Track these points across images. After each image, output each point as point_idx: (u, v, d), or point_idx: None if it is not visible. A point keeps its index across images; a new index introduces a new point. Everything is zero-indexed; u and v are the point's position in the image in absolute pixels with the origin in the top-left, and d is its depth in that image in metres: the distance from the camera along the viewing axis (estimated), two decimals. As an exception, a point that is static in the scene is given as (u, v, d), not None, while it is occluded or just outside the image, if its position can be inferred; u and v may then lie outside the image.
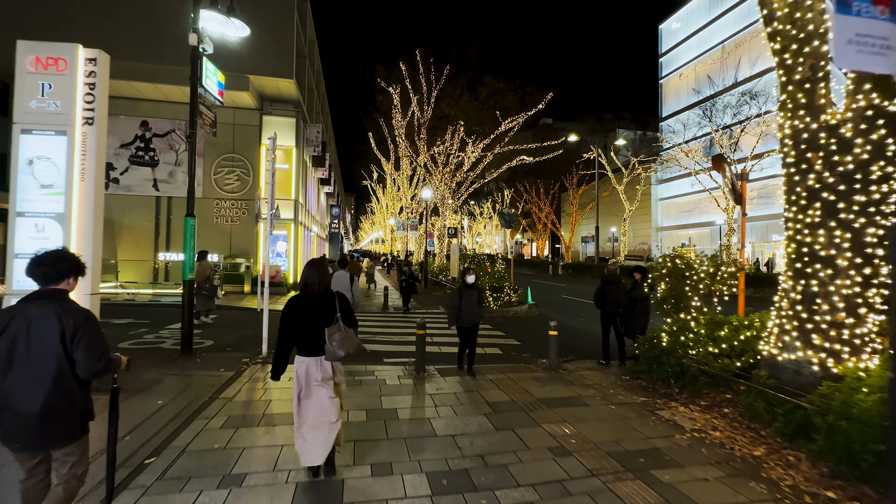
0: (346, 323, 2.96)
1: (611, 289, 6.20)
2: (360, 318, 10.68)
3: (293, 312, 2.95)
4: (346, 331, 2.90)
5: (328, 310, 2.92)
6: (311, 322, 2.89)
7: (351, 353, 2.90)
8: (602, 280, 6.45)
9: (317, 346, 2.87)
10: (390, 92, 22.35)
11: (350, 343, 2.90)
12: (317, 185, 26.66)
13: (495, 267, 17.39)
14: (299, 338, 2.93)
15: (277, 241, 17.70)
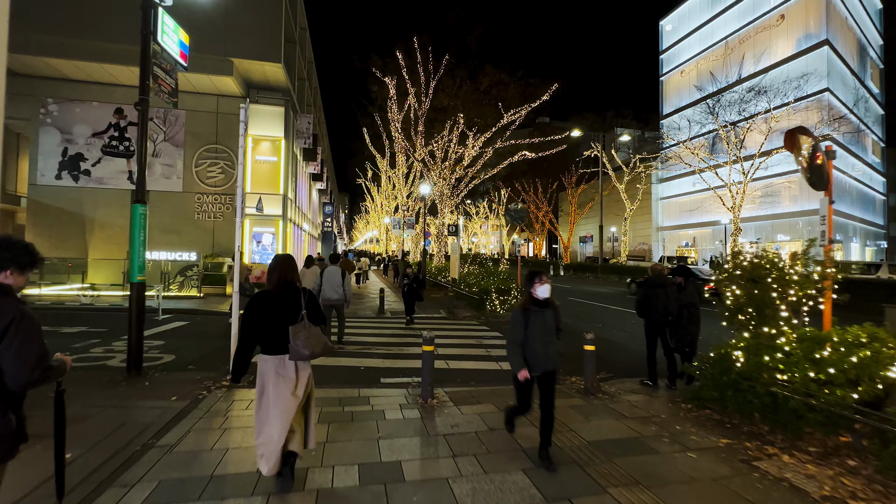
0: (313, 321, 2.83)
1: (658, 293, 5.07)
2: (351, 323, 9.47)
3: (256, 309, 2.80)
4: (311, 329, 2.78)
5: (292, 307, 2.79)
6: (274, 319, 2.76)
7: (317, 353, 2.77)
8: (645, 283, 5.31)
9: (280, 344, 2.74)
10: (386, 83, 21.15)
11: (316, 342, 2.77)
12: (308, 180, 25.38)
13: (498, 267, 16.26)
14: (262, 336, 2.78)
15: (262, 238, 16.45)
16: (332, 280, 7.07)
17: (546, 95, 19.33)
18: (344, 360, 6.28)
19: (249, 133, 16.46)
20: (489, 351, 7.25)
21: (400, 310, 12.03)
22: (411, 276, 10.16)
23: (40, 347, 1.78)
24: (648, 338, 5.31)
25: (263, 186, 16.48)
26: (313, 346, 2.74)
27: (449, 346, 7.44)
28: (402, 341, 7.87)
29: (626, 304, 14.73)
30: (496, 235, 61.27)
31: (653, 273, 5.29)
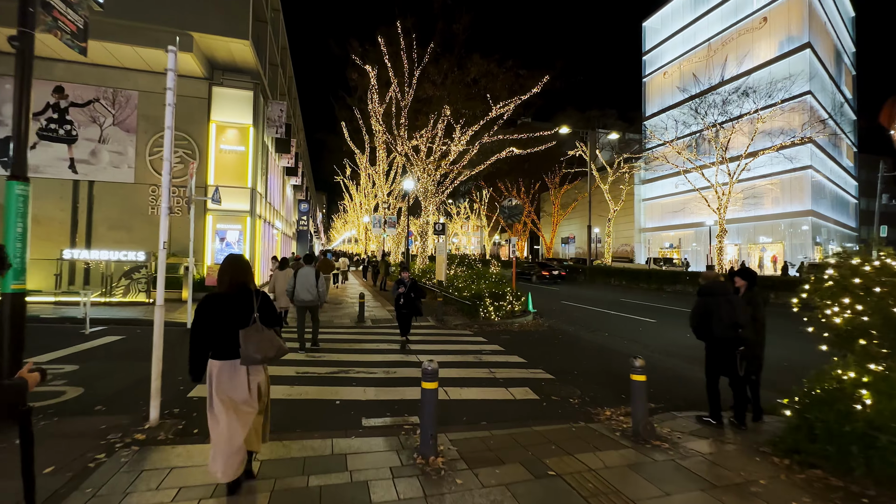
0: (267, 323, 2.73)
1: (720, 302, 3.92)
2: (326, 334, 8.04)
3: (205, 312, 2.68)
4: (264, 332, 2.67)
5: (243, 309, 2.69)
6: (224, 323, 2.65)
7: (271, 357, 2.69)
8: (701, 292, 4.16)
9: (231, 348, 2.63)
10: (367, 70, 19.70)
11: (269, 346, 2.66)
12: (281, 175, 23.63)
13: (488, 269, 15.08)
14: (212, 340, 2.66)
15: (226, 235, 14.79)
16: (306, 280, 6.86)
17: (537, 88, 18.27)
18: (313, 390, 4.91)
19: (214, 119, 14.83)
20: (493, 372, 5.99)
21: (383, 318, 10.66)
22: (407, 283, 7.25)
23: None
24: (711, 361, 4.16)
25: (229, 178, 14.82)
26: (266, 350, 2.65)
27: (444, 366, 6.15)
28: (387, 359, 6.53)
29: (625, 308, 13.77)
30: (477, 236, 60.43)
31: (707, 281, 4.15)
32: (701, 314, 4.05)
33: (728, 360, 3.94)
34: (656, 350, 7.99)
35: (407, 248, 17.01)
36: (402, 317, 7.37)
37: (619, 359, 7.20)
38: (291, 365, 5.91)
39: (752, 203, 31.19)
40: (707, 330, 4.07)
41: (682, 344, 8.59)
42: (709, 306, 3.98)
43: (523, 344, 8.15)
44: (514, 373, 6.02)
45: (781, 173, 30.02)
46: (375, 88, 20.25)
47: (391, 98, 20.52)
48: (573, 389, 5.31)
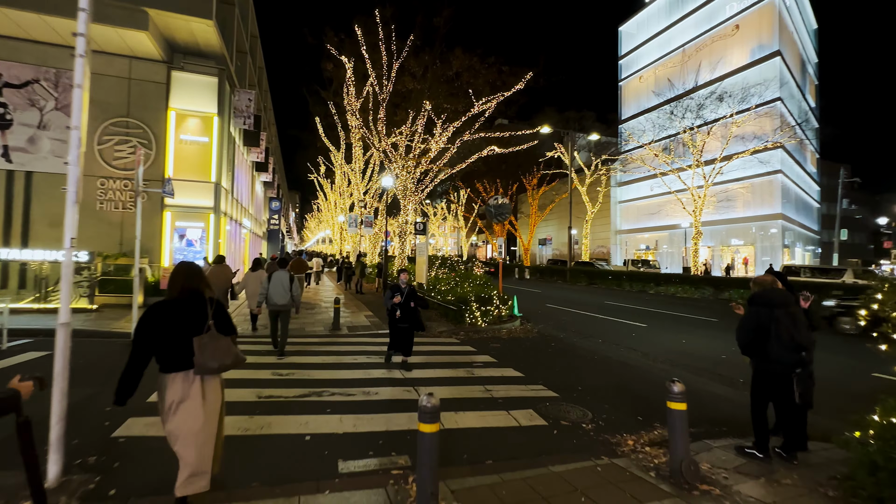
0: (222, 330, 2.62)
1: (781, 320, 3.26)
2: (296, 345, 7.10)
3: (153, 320, 2.51)
4: (219, 340, 2.57)
5: (197, 316, 2.58)
6: (175, 331, 2.51)
7: (227, 365, 2.58)
8: (755, 301, 3.46)
9: (184, 358, 2.50)
10: (343, 61, 18.70)
11: (226, 353, 2.56)
12: (250, 170, 22.26)
13: (472, 271, 14.39)
14: (162, 350, 2.50)
15: (186, 233, 13.55)
16: (280, 284, 6.65)
17: (520, 84, 17.73)
18: (278, 422, 4.04)
19: (173, 106, 13.55)
20: (490, 390, 5.27)
21: (360, 325, 9.77)
22: (405, 289, 5.94)
23: None
24: (760, 386, 3.48)
25: (190, 172, 13.59)
26: (222, 358, 2.55)
27: (434, 384, 5.39)
28: (367, 376, 5.69)
29: (611, 311, 13.34)
30: (454, 237, 59.83)
31: (761, 287, 3.50)
32: (754, 329, 3.36)
33: (783, 385, 3.31)
34: (658, 359, 7.46)
35: (385, 249, 16.12)
36: (399, 333, 5.97)
37: (622, 370, 6.62)
38: (252, 386, 5.01)
39: (724, 206, 31.80)
40: (761, 350, 3.39)
41: (680, 351, 8.12)
42: (763, 320, 3.31)
43: (516, 354, 7.47)
44: (513, 390, 5.31)
45: (753, 177, 30.71)
46: (352, 81, 19.26)
47: (369, 92, 19.60)
48: (582, 411, 4.64)
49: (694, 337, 9.59)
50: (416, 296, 6.01)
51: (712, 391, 5.75)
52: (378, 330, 9.18)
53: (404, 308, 5.88)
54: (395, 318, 5.91)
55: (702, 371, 6.73)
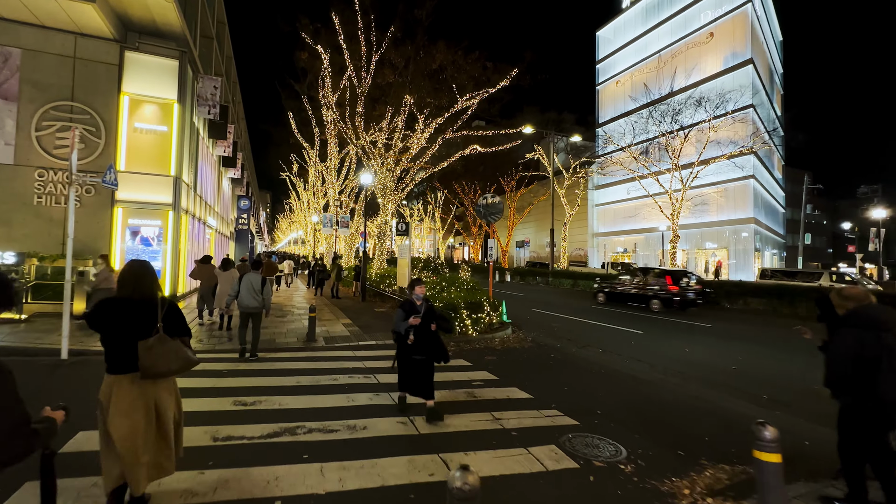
0: (171, 333, 2.54)
1: (886, 342, 2.56)
2: (266, 361, 6.01)
3: (99, 319, 2.45)
4: (168, 343, 2.48)
5: (145, 318, 2.48)
6: (122, 332, 2.42)
7: (175, 370, 2.49)
8: (853, 321, 2.69)
9: (130, 360, 2.39)
10: (319, 51, 17.59)
11: (174, 357, 2.48)
12: (217, 165, 20.75)
13: (458, 274, 13.59)
14: (107, 350, 2.44)
15: (141, 231, 12.19)
16: (251, 286, 6.60)
17: (505, 80, 17.10)
18: (237, 478, 3.09)
19: (126, 91, 12.15)
20: (499, 418, 4.46)
21: (338, 335, 8.77)
22: (422, 307, 4.47)
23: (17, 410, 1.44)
24: (863, 432, 2.70)
25: (146, 164, 12.23)
26: (170, 362, 2.46)
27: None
28: (351, 403, 4.78)
29: (601, 316, 12.80)
30: (430, 239, 59.02)
31: (856, 301, 2.79)
32: (855, 360, 2.58)
33: (887, 428, 2.61)
34: (667, 371, 6.85)
35: (364, 251, 15.09)
36: (415, 368, 4.36)
37: (635, 386, 5.95)
38: (207, 422, 4.01)
39: (699, 210, 32.23)
40: (865, 386, 2.59)
41: (686, 361, 7.57)
42: (868, 347, 2.56)
43: (515, 368, 6.70)
44: (525, 417, 4.52)
45: (728, 181, 31.30)
46: (329, 72, 18.16)
47: (346, 86, 18.56)
48: (614, 445, 3.89)
49: (694, 345, 9.10)
50: (436, 315, 4.56)
51: (739, 410, 5.14)
52: (359, 341, 8.23)
53: (422, 332, 4.35)
54: (407, 347, 4.35)
55: (719, 385, 6.15)
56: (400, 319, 4.39)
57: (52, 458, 1.70)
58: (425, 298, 4.61)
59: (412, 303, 4.49)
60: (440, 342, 4.53)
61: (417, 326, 4.31)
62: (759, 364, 7.58)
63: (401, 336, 4.38)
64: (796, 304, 14.39)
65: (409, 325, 4.30)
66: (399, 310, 4.47)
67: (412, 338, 4.29)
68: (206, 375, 5.50)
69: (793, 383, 6.44)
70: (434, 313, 4.54)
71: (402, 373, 4.50)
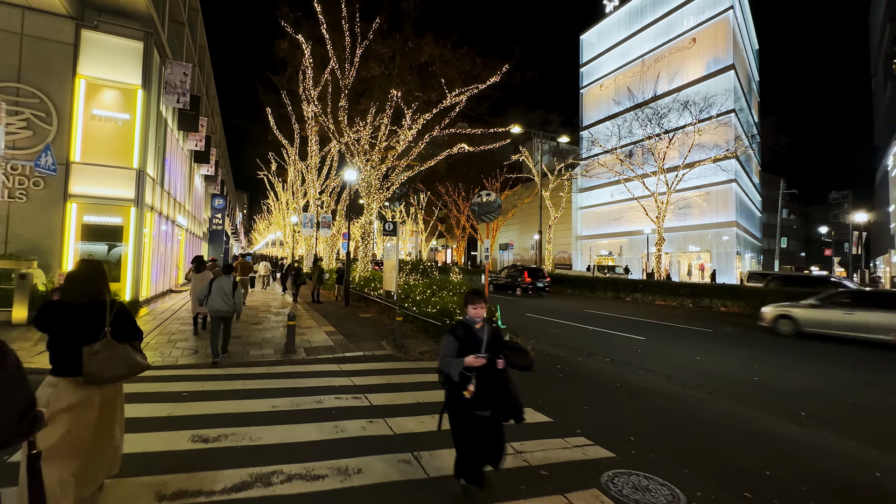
0: (119, 337, 2.46)
1: None
2: (237, 379, 5.18)
3: (43, 320, 2.41)
4: (115, 347, 2.41)
5: (92, 322, 2.41)
6: (65, 335, 2.36)
7: (122, 375, 2.43)
8: None
9: (73, 364, 2.32)
10: (299, 41, 16.61)
11: (121, 363, 2.41)
12: (188, 161, 19.44)
13: (448, 276, 12.82)
14: (51, 352, 2.37)
15: (98, 231, 11.02)
16: (222, 290, 6.54)
17: (496, 77, 16.49)
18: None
19: (83, 74, 10.95)
20: (521, 450, 3.71)
21: (321, 345, 7.85)
22: (484, 336, 2.84)
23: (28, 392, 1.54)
24: None
25: (105, 155, 11.08)
26: (116, 368, 2.38)
27: (439, 440, 3.74)
28: (339, 434, 3.94)
29: (598, 322, 12.23)
30: (412, 241, 58.12)
31: None
32: None
33: None
34: (686, 384, 6.25)
35: (348, 252, 14.14)
36: (476, 428, 2.79)
37: (660, 403, 5.29)
38: (156, 467, 3.12)
39: (682, 213, 32.42)
40: None
41: (702, 372, 6.99)
42: None
43: (523, 383, 5.93)
44: (551, 448, 3.78)
45: (710, 185, 31.54)
46: (310, 63, 17.20)
47: (328, 78, 17.65)
48: (668, 488, 3.19)
49: (703, 353, 8.57)
50: (506, 345, 2.95)
51: (783, 431, 4.54)
52: (345, 352, 7.37)
53: (487, 375, 2.73)
54: (463, 400, 2.71)
55: (747, 401, 5.56)
56: (450, 354, 2.75)
57: (38, 459, 1.74)
58: (488, 320, 2.92)
59: (468, 328, 2.82)
60: (511, 388, 2.87)
61: (485, 369, 2.70)
62: (779, 375, 7.07)
63: (452, 383, 2.74)
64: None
65: (468, 366, 2.66)
66: (448, 338, 2.81)
67: (473, 387, 2.66)
68: (162, 399, 4.56)
69: (821, 395, 5.92)
70: (502, 342, 2.90)
71: (460, 439, 2.83)
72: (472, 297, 2.88)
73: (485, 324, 2.87)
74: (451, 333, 2.84)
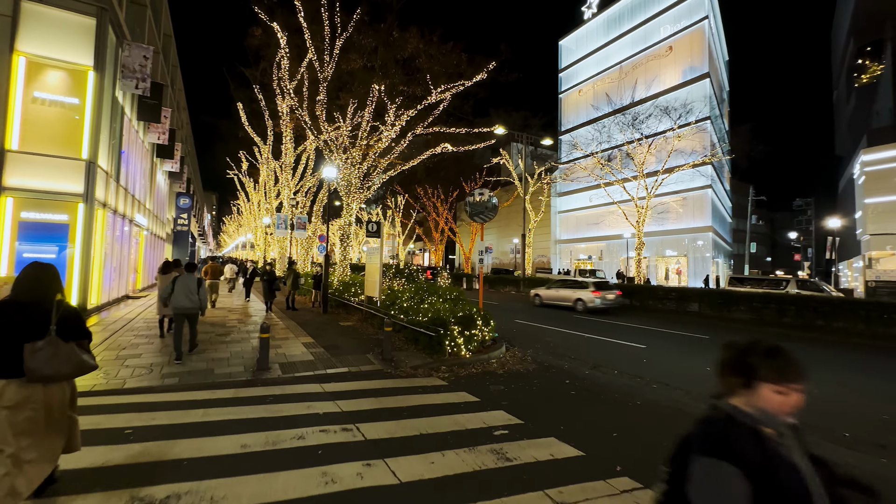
0: (65, 336, 2.50)
1: None
2: (199, 406, 4.25)
3: None
4: (60, 346, 2.44)
5: (37, 320, 2.45)
6: (7, 332, 2.38)
7: (66, 374, 2.47)
8: None
9: (15, 363, 2.35)
10: (274, 28, 15.53)
11: (66, 361, 2.44)
12: (149, 155, 17.93)
13: (437, 281, 12.02)
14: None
15: (39, 228, 9.73)
16: (186, 287, 6.56)
17: (482, 74, 15.89)
18: None
19: (23, 51, 9.61)
20: (559, 501, 2.96)
21: (299, 359, 6.89)
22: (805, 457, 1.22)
23: None
24: None
25: (50, 143, 9.80)
26: (59, 366, 2.41)
27: (450, 488, 2.94)
28: (331, 487, 3.09)
29: (593, 328, 11.68)
30: (388, 245, 56.98)
31: None
32: None
33: None
34: (697, 392, 5.65)
35: (327, 255, 13.11)
36: None
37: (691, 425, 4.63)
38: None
39: (659, 218, 32.77)
40: None
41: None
42: None
43: (535, 404, 5.26)
44: (598, 497, 3.05)
45: (687, 191, 31.99)
46: (286, 54, 16.12)
47: (305, 72, 16.62)
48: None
49: (711, 363, 8.07)
50: None
51: (834, 458, 3.97)
52: (327, 368, 6.46)
53: None
54: None
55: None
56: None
57: None
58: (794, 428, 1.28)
59: (766, 445, 1.22)
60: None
61: None
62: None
63: None
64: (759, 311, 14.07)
65: None
66: (716, 471, 1.18)
67: None
68: (98, 440, 3.58)
69: (854, 410, 5.46)
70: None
71: None
72: (780, 366, 1.27)
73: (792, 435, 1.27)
74: (719, 455, 1.20)
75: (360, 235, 51.19)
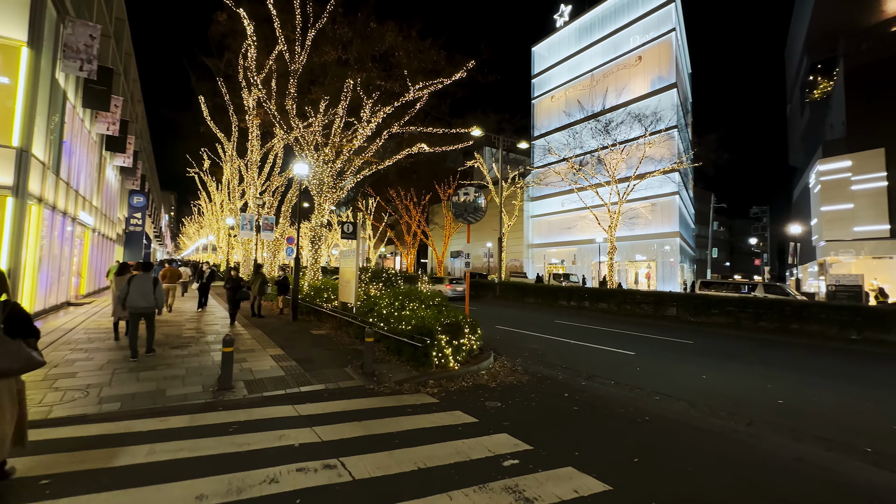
0: (13, 333, 2.61)
1: None
2: (143, 438, 3.46)
3: None
4: (8, 344, 2.55)
5: None
6: None
7: (15, 370, 2.56)
8: None
9: None
10: (241, 15, 14.49)
11: (14, 357, 2.55)
12: (97, 147, 16.35)
13: (416, 285, 11.36)
14: None
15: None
16: (141, 287, 6.54)
17: (462, 72, 15.42)
18: None
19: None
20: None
21: (267, 375, 6.06)
22: None
23: None
24: None
25: (-29, 128, 8.48)
26: (9, 363, 2.52)
27: None
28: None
29: (578, 334, 11.35)
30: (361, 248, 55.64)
31: None
32: None
33: None
34: (718, 413, 5.34)
35: (297, 258, 12.17)
36: None
37: (711, 447, 4.23)
38: None
39: (631, 223, 33.39)
40: None
41: (720, 395, 6.15)
42: None
43: (538, 423, 4.73)
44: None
45: (656, 196, 32.75)
46: (254, 43, 15.08)
47: (273, 65, 15.64)
48: None
49: (704, 370, 7.85)
50: None
51: (866, 476, 3.71)
52: (300, 385, 5.69)
53: None
54: None
55: (797, 433, 4.70)
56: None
57: None
58: None
59: None
60: None
61: None
62: (798, 394, 6.41)
63: None
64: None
65: None
66: None
67: None
68: (14, 496, 2.73)
69: (864, 421, 5.24)
70: None
71: None
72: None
73: None
74: None
75: (328, 238, 49.67)
